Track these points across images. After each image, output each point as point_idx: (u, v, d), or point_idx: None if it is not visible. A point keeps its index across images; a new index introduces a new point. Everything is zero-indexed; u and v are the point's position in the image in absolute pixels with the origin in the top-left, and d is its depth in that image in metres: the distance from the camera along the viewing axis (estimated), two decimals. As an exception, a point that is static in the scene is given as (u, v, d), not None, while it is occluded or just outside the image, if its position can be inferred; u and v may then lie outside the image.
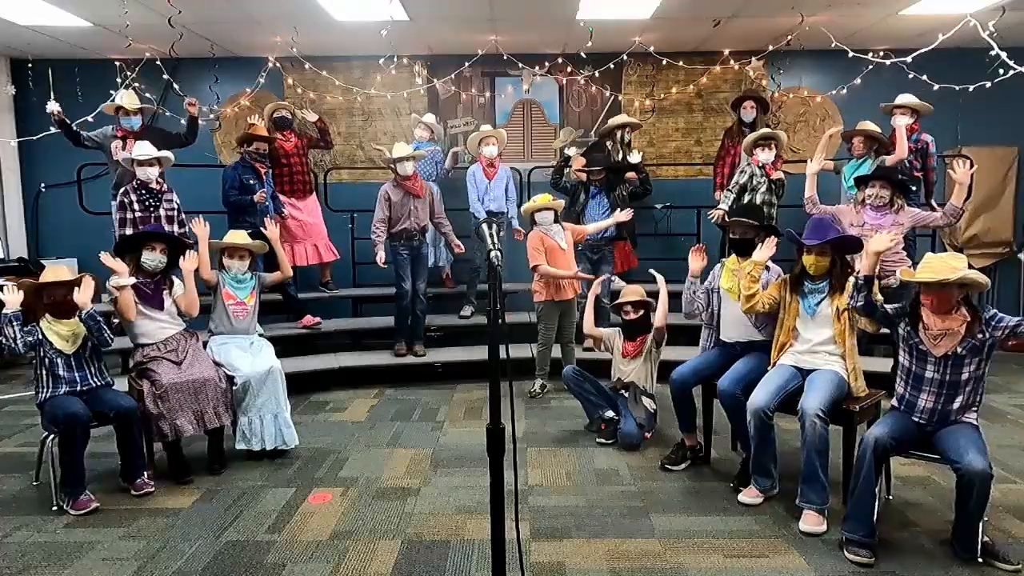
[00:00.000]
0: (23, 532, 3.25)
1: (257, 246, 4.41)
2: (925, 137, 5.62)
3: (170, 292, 4.05)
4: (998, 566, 2.81)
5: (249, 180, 5.57)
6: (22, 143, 6.95)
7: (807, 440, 3.17)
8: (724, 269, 3.94)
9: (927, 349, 2.99)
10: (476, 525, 3.25)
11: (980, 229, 7.21)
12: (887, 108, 5.63)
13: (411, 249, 5.60)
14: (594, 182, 5.85)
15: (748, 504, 3.42)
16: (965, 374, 2.95)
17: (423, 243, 5.70)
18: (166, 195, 4.97)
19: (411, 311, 5.74)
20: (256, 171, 5.63)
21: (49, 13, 5.57)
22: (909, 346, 3.06)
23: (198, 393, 3.81)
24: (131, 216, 4.85)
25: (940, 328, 2.93)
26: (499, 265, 2.13)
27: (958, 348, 2.92)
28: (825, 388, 3.26)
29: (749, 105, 6.19)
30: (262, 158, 5.71)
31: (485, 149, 6.06)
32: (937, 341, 2.96)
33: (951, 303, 2.91)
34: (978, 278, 2.88)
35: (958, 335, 2.91)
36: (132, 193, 4.86)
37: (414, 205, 5.51)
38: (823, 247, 3.39)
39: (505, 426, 2.16)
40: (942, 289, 2.88)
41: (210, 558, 2.99)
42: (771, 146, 5.50)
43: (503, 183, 6.12)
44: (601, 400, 4.43)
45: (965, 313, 2.92)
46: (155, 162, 4.86)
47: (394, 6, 5.43)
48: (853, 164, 5.44)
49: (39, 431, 3.82)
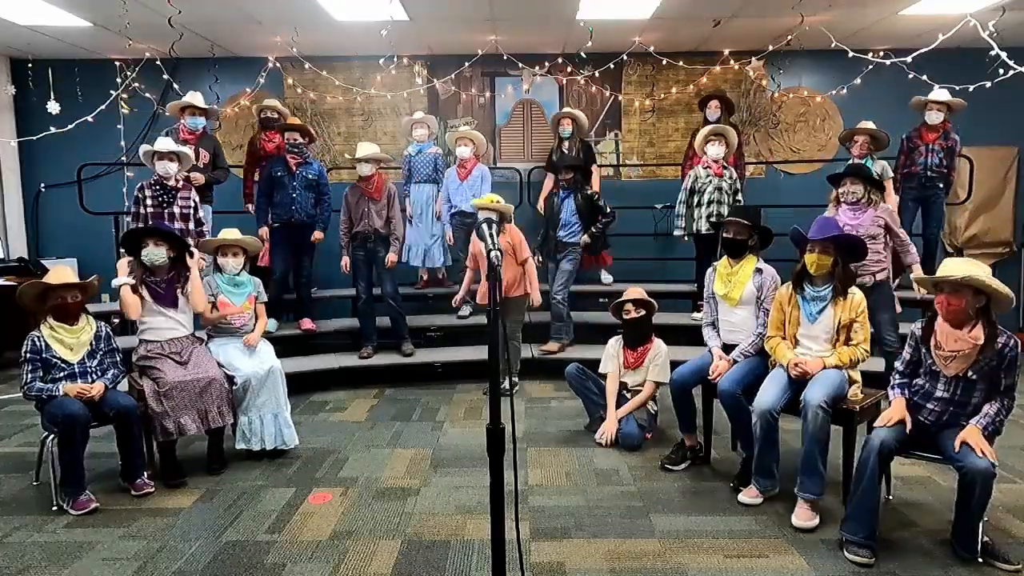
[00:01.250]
0: (23, 532, 3.25)
1: (250, 242, 4.36)
2: (955, 136, 5.55)
3: (183, 290, 4.01)
4: (998, 566, 2.81)
5: (278, 172, 5.45)
6: (22, 143, 6.96)
7: (808, 430, 3.17)
8: (716, 274, 3.93)
9: (939, 369, 2.94)
10: (476, 525, 3.25)
11: (980, 229, 7.22)
12: (919, 103, 5.52)
13: (366, 251, 5.52)
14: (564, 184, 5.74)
15: (748, 504, 3.42)
16: (976, 397, 2.89)
17: (379, 246, 5.51)
18: (182, 192, 4.89)
19: (372, 313, 5.70)
20: (287, 164, 5.46)
21: (49, 13, 5.58)
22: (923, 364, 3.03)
23: (203, 392, 3.80)
24: (143, 212, 4.81)
25: (952, 349, 2.86)
26: (499, 265, 2.13)
27: (969, 372, 2.87)
28: (828, 383, 3.27)
29: (714, 104, 6.18)
30: (296, 150, 5.49)
31: (459, 150, 6.02)
32: (948, 362, 2.89)
33: (964, 310, 2.81)
34: (999, 289, 2.76)
35: (970, 357, 2.84)
36: (147, 189, 4.83)
37: (368, 207, 5.43)
38: (825, 245, 3.37)
39: (505, 426, 2.16)
40: (953, 292, 2.80)
41: (210, 558, 2.99)
42: (720, 142, 5.46)
43: (476, 184, 6.01)
44: (603, 399, 4.42)
45: (980, 332, 2.81)
46: (174, 157, 4.79)
47: (394, 6, 5.44)
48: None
49: (39, 431, 3.81)
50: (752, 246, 3.83)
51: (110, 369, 3.67)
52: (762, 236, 3.86)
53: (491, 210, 5.03)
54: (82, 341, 3.59)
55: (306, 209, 5.50)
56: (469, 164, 6.05)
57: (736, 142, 5.65)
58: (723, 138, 5.51)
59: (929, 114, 5.45)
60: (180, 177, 4.92)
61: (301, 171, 5.48)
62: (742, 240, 3.80)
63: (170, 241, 3.96)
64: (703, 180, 5.54)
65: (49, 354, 3.50)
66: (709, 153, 5.50)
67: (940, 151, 5.45)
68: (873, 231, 4.35)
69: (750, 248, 3.83)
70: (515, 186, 7.03)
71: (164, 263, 3.93)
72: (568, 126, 6.26)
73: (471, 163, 6.06)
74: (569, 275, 5.74)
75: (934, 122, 5.45)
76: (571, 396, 4.81)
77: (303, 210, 5.48)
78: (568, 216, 5.69)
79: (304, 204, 5.49)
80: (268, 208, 5.52)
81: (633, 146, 7.42)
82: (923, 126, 5.51)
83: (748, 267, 3.80)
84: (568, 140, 6.28)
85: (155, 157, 4.76)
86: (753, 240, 3.82)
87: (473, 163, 6.07)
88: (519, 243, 5.19)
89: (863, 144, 5.31)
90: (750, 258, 3.83)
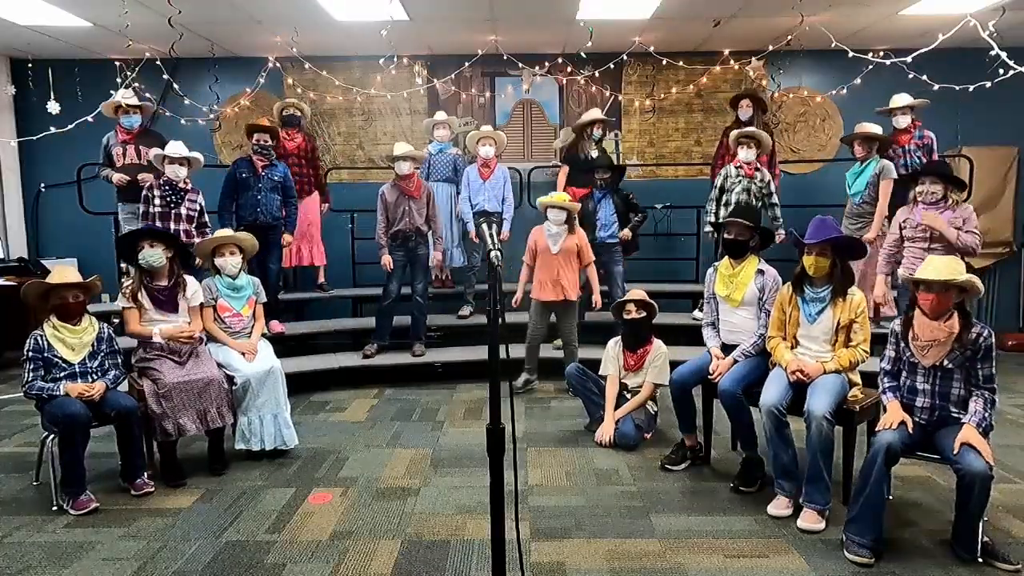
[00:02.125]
0: (23, 532, 3.25)
1: (245, 239, 4.32)
2: (928, 133, 5.61)
3: (184, 295, 4.01)
4: (998, 566, 2.81)
5: (243, 174, 5.35)
6: (22, 143, 6.96)
7: (813, 442, 3.17)
8: (718, 274, 3.93)
9: (917, 360, 3.02)
10: (476, 525, 3.25)
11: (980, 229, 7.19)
12: (883, 112, 5.67)
13: (407, 251, 5.55)
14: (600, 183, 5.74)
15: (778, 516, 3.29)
16: (955, 386, 2.98)
17: (420, 244, 5.59)
18: (189, 195, 4.95)
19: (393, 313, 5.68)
20: (252, 165, 5.39)
21: (49, 13, 5.58)
22: (902, 359, 3.10)
23: (202, 393, 3.80)
24: (151, 211, 4.86)
25: (928, 339, 2.96)
26: (499, 265, 2.13)
27: (945, 361, 2.95)
28: (831, 391, 3.26)
29: (745, 103, 6.19)
30: (263, 151, 5.41)
31: (481, 149, 6.02)
32: (924, 352, 2.99)
33: (947, 307, 2.94)
34: (976, 283, 2.92)
35: (946, 346, 2.93)
36: (156, 189, 4.87)
37: (409, 206, 5.46)
38: (823, 247, 3.37)
39: (505, 426, 2.16)
40: (943, 291, 2.90)
41: (210, 558, 2.99)
42: (751, 145, 5.48)
43: (499, 184, 6.03)
44: (603, 400, 4.42)
45: (955, 322, 2.92)
46: (185, 161, 4.88)
47: (394, 6, 5.44)
48: (855, 170, 5.43)
49: (39, 431, 3.81)
50: (753, 247, 3.83)
51: (111, 370, 3.67)
52: (762, 237, 3.86)
53: (561, 208, 5.11)
54: (84, 342, 3.59)
55: (271, 211, 5.41)
56: (492, 164, 6.05)
57: (769, 143, 5.66)
58: (754, 140, 5.51)
59: (896, 119, 5.58)
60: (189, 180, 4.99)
61: (267, 172, 5.39)
62: (743, 240, 3.80)
63: (166, 241, 3.95)
64: (733, 179, 5.54)
65: (51, 353, 3.50)
66: (740, 156, 5.50)
67: (917, 150, 5.54)
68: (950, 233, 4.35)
69: (751, 249, 3.83)
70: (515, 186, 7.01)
71: (163, 265, 3.92)
72: (599, 129, 6.29)
73: (493, 163, 6.06)
74: (623, 276, 5.79)
75: (903, 126, 5.57)
76: (571, 396, 4.81)
77: (268, 212, 5.39)
78: (607, 216, 5.69)
79: (269, 206, 5.40)
80: (232, 210, 5.37)
81: (633, 146, 7.42)
82: (895, 131, 5.62)
83: (750, 268, 3.80)
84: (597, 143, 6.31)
85: (166, 161, 4.83)
86: (754, 241, 3.82)
87: (495, 163, 6.08)
88: (585, 246, 5.28)
89: (859, 147, 5.34)
90: (752, 259, 3.82)
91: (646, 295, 4.44)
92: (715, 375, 3.73)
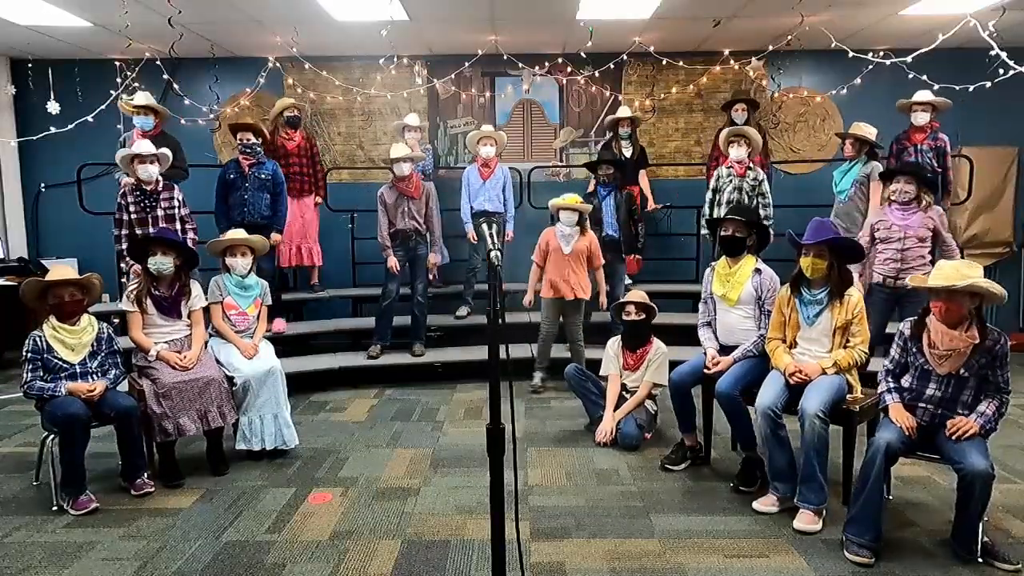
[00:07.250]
0: (23, 532, 3.25)
1: (256, 241, 4.34)
2: (943, 137, 5.57)
3: (187, 301, 4.00)
4: (998, 566, 2.81)
5: (230, 175, 5.30)
6: (22, 143, 6.96)
7: (806, 440, 3.17)
8: (715, 274, 3.93)
9: (931, 368, 2.96)
10: (476, 525, 3.25)
11: (980, 229, 7.21)
12: (904, 105, 5.55)
13: (407, 251, 5.56)
14: (603, 180, 5.73)
15: (763, 512, 3.33)
16: (967, 394, 2.92)
17: (420, 244, 5.59)
18: (163, 194, 4.79)
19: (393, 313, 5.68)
20: (239, 166, 5.31)
21: (49, 13, 5.57)
22: (910, 363, 3.06)
23: (202, 392, 3.80)
24: (127, 218, 4.75)
25: (947, 348, 2.88)
26: (499, 265, 2.13)
27: (962, 370, 2.89)
28: (826, 390, 3.26)
29: (740, 108, 6.20)
30: (248, 149, 5.31)
31: (482, 149, 6.02)
32: (942, 361, 2.92)
33: (961, 313, 2.85)
34: (992, 288, 2.80)
35: (964, 356, 2.87)
36: (129, 195, 4.75)
37: (408, 206, 5.46)
38: (820, 249, 3.36)
39: (505, 426, 2.16)
40: (951, 297, 2.83)
41: (210, 558, 2.99)
42: (741, 143, 5.44)
43: (499, 184, 6.03)
44: (602, 400, 4.42)
45: (975, 332, 2.85)
46: (155, 159, 4.71)
47: (394, 6, 5.43)
48: (843, 168, 5.43)
49: (39, 431, 3.81)
50: (750, 245, 3.83)
51: (111, 370, 3.67)
52: (760, 235, 3.86)
53: (573, 210, 5.12)
54: (84, 342, 3.59)
55: (260, 210, 5.35)
56: (492, 164, 6.04)
57: (760, 142, 5.64)
58: (744, 139, 5.50)
59: (915, 115, 5.49)
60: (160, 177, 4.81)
61: (254, 171, 5.33)
62: (740, 238, 3.80)
63: (177, 249, 3.97)
64: (724, 180, 5.54)
65: (50, 354, 3.49)
66: (731, 155, 5.48)
67: (929, 151, 5.48)
68: (922, 233, 4.34)
69: (748, 247, 3.83)
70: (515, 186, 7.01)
71: (171, 272, 3.93)
72: (627, 127, 6.30)
73: (494, 163, 6.06)
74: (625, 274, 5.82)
75: (920, 123, 5.49)
76: (571, 396, 4.81)
77: (256, 211, 5.33)
78: (610, 213, 5.71)
79: (257, 205, 5.34)
80: (227, 211, 5.34)
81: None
82: (911, 128, 5.55)
83: (747, 267, 3.80)
84: (625, 140, 6.30)
85: (136, 162, 4.67)
86: (751, 239, 3.82)
87: (495, 163, 6.07)
88: (596, 249, 5.29)
89: (849, 147, 5.33)
90: (749, 258, 3.82)
91: (646, 296, 4.44)
92: (712, 368, 3.72)
